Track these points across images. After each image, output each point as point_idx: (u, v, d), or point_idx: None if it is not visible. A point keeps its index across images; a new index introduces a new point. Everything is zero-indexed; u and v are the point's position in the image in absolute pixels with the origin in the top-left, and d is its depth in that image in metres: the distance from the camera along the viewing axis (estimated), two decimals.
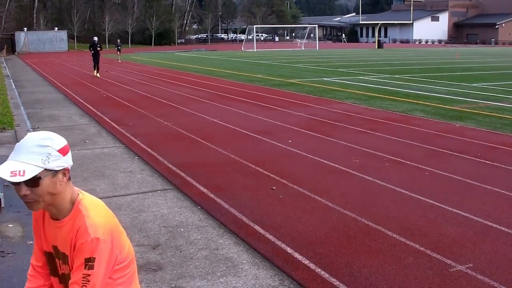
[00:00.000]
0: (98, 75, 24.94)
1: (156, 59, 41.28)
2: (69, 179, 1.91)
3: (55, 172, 1.83)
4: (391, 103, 14.96)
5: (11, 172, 1.75)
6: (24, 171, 1.76)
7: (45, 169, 1.80)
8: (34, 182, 1.79)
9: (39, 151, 1.80)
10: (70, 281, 1.87)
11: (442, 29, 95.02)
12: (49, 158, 1.81)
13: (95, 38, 26.72)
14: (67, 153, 1.88)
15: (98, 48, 25.58)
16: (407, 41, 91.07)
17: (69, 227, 1.90)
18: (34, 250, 2.14)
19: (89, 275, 1.82)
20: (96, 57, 25.35)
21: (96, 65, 25.29)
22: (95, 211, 1.92)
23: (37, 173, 1.78)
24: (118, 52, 38.38)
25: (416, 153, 8.83)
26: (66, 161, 1.87)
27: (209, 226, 5.63)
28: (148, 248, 5.02)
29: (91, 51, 25.84)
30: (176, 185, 7.12)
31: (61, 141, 1.88)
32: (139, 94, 17.69)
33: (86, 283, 1.82)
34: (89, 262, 1.82)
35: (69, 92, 18.36)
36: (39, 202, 1.83)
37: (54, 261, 2.02)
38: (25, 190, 1.80)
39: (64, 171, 1.87)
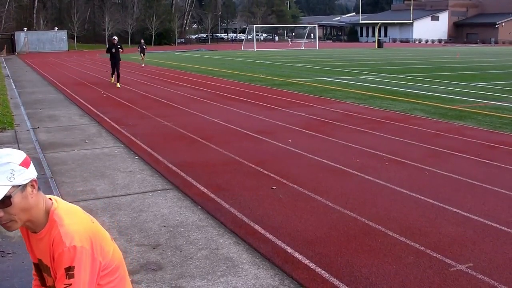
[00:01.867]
0: (118, 85, 19.98)
1: (156, 59, 41.26)
2: (39, 189, 1.87)
3: (23, 187, 1.80)
4: (391, 103, 14.96)
5: None
6: None
7: (13, 186, 1.76)
8: (5, 202, 1.75)
9: (1, 170, 1.76)
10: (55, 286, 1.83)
11: (442, 29, 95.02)
12: (13, 175, 1.77)
13: (115, 38, 21.57)
14: (29, 165, 1.85)
15: (120, 50, 20.92)
16: (407, 41, 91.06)
17: (47, 239, 1.86)
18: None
19: (71, 284, 1.77)
20: (115, 61, 20.61)
21: (115, 72, 20.50)
22: (70, 219, 1.88)
23: (6, 192, 1.74)
24: (142, 55, 32.36)
25: (416, 153, 8.83)
26: (31, 173, 1.83)
27: (209, 226, 5.63)
28: (148, 248, 5.02)
29: (111, 52, 20.90)
30: (176, 185, 7.12)
31: (20, 155, 1.84)
32: (139, 94, 17.69)
33: None
34: (69, 271, 1.77)
35: (69, 92, 18.37)
36: (16, 222, 1.80)
37: (42, 273, 2.02)
38: None
39: (32, 182, 1.83)
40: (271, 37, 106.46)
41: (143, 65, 32.35)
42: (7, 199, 1.75)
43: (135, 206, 6.26)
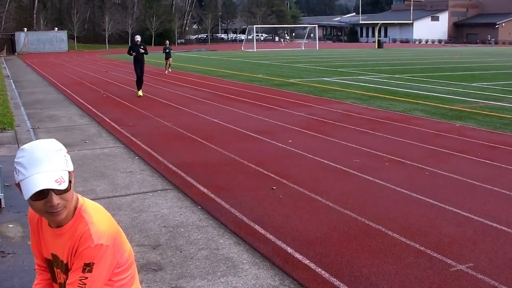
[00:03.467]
0: (140, 92, 17.27)
1: (156, 59, 41.27)
2: None
3: (71, 174, 1.81)
4: (391, 103, 14.96)
5: (56, 181, 1.70)
6: (62, 177, 1.72)
7: (69, 172, 1.78)
8: (67, 187, 1.75)
9: (58, 156, 1.76)
10: (67, 282, 1.83)
11: (442, 29, 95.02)
12: (67, 161, 1.79)
13: (138, 37, 17.82)
14: None
15: (142, 51, 17.23)
16: (407, 41, 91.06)
17: (70, 234, 1.84)
18: (33, 252, 2.08)
19: (86, 278, 1.78)
20: (139, 65, 17.32)
21: (139, 79, 17.39)
22: (98, 218, 1.87)
23: (69, 177, 1.76)
24: (167, 61, 26.37)
25: (416, 153, 8.83)
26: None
27: (209, 226, 5.63)
28: (149, 248, 5.02)
29: (131, 54, 17.36)
30: (176, 185, 7.12)
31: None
32: None
33: (82, 286, 1.78)
34: (88, 266, 1.79)
35: (69, 92, 18.37)
36: (66, 208, 1.78)
37: (53, 269, 1.99)
38: (57, 199, 1.73)
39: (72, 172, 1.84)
40: (271, 38, 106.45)
41: (166, 72, 26.32)
42: (69, 183, 1.76)
43: (135, 207, 6.26)
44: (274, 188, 6.91)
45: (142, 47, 17.27)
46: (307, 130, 10.96)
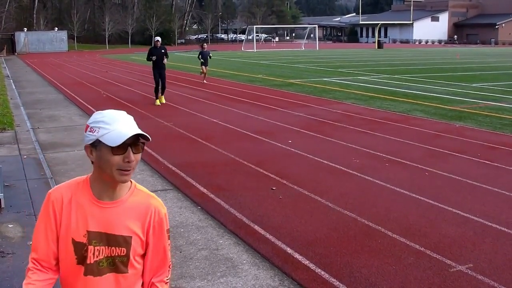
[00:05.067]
0: (162, 100, 15.38)
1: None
2: None
3: None
4: (391, 103, 14.96)
5: (142, 132, 1.81)
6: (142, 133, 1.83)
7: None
8: (142, 147, 1.86)
9: (131, 120, 1.89)
10: (151, 250, 1.95)
11: (442, 29, 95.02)
12: (135, 125, 1.88)
13: (158, 39, 15.69)
14: None
15: (163, 54, 15.23)
16: (407, 41, 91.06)
17: (134, 206, 1.92)
18: (38, 244, 1.94)
19: (169, 243, 2.01)
20: (159, 71, 15.32)
21: (161, 85, 15.36)
22: (148, 190, 2.03)
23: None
24: (204, 68, 21.16)
25: (416, 153, 8.83)
26: None
27: (209, 227, 5.63)
28: None
29: (151, 59, 15.27)
30: (176, 185, 7.12)
31: None
32: (139, 94, 17.69)
33: (168, 249, 2.01)
34: (168, 233, 2.00)
35: (69, 92, 18.36)
36: (134, 170, 1.86)
37: (85, 249, 1.90)
38: (132, 156, 1.82)
39: None
40: (271, 38, 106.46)
41: (205, 81, 21.39)
42: (143, 144, 1.86)
43: None
44: (274, 188, 6.91)
45: (163, 50, 15.25)
46: (307, 130, 10.96)
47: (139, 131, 1.81)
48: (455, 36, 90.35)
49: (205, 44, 22.17)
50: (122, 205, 1.91)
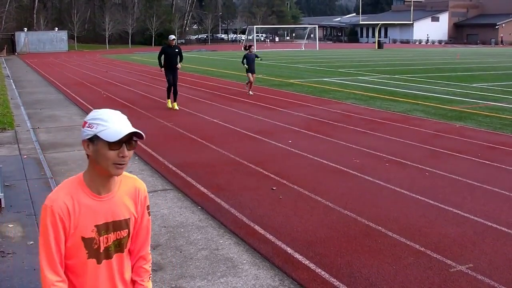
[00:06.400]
0: (176, 105, 14.16)
1: (156, 59, 41.28)
2: None
3: None
4: (391, 103, 14.96)
5: (136, 130, 1.96)
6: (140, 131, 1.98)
7: None
8: (136, 144, 2.00)
9: (125, 119, 2.04)
10: (139, 226, 2.13)
11: (442, 30, 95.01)
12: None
13: (173, 37, 14.55)
14: None
15: (177, 54, 14.19)
16: (407, 42, 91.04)
17: (125, 192, 2.08)
18: (54, 263, 1.97)
19: (149, 219, 2.17)
20: (172, 72, 14.17)
21: (172, 89, 14.23)
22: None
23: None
24: (250, 76, 17.26)
25: (416, 153, 8.83)
26: None
27: (209, 226, 5.63)
28: None
29: (167, 59, 14.22)
30: (176, 185, 7.12)
31: None
32: (139, 94, 17.69)
33: (150, 225, 2.18)
34: (148, 209, 2.17)
35: (69, 92, 18.37)
36: (126, 165, 2.01)
37: (95, 242, 2.01)
38: (127, 152, 1.96)
39: None
40: (271, 38, 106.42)
41: (250, 92, 17.33)
42: (135, 142, 2.01)
43: None
44: (274, 188, 6.91)
45: (177, 50, 14.17)
46: (307, 130, 10.97)
47: (134, 130, 1.96)
48: (450, 39, 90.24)
49: (251, 45, 17.81)
50: (118, 193, 2.06)
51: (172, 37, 14.61)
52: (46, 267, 1.98)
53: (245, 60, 17.27)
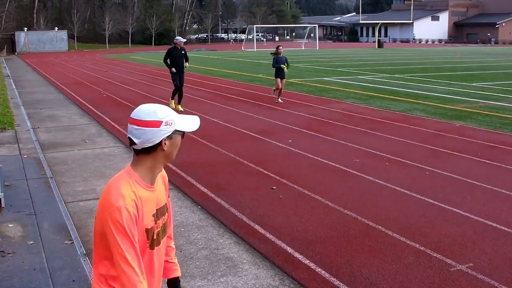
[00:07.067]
0: (180, 107, 13.92)
1: (156, 59, 41.27)
2: None
3: None
4: (391, 103, 14.96)
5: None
6: None
7: None
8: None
9: None
10: (169, 208, 2.24)
11: (442, 29, 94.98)
12: None
13: (181, 39, 14.20)
14: None
15: (184, 56, 13.94)
16: (407, 41, 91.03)
17: (160, 177, 2.19)
18: (140, 263, 1.94)
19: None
20: (179, 74, 13.93)
21: (178, 91, 14.06)
22: None
23: None
24: (279, 81, 15.19)
25: (416, 153, 8.83)
26: None
27: (209, 226, 5.63)
28: None
29: (174, 61, 13.81)
30: (176, 185, 7.12)
31: None
32: (140, 94, 17.69)
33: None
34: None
35: (69, 92, 18.37)
36: None
37: (153, 231, 2.06)
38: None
39: None
40: (271, 37, 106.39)
41: (279, 99, 15.27)
42: None
43: None
44: (274, 188, 6.91)
45: (183, 52, 13.90)
46: (307, 130, 10.96)
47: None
48: (449, 39, 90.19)
49: (280, 47, 15.41)
50: (158, 181, 2.16)
51: (180, 39, 14.25)
52: (137, 269, 1.92)
53: (275, 63, 15.32)
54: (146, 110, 2.06)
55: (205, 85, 20.53)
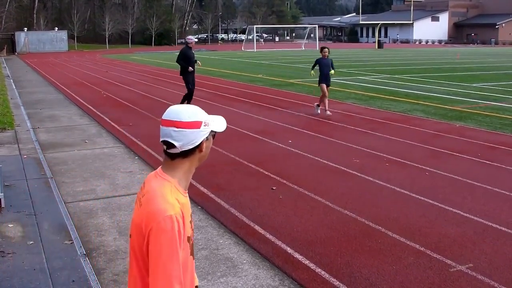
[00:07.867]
0: None
1: (156, 59, 41.29)
2: None
3: None
4: (391, 103, 14.96)
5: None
6: None
7: None
8: None
9: None
10: None
11: (442, 29, 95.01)
12: None
13: (193, 39, 13.93)
14: None
15: (194, 58, 13.73)
16: (407, 41, 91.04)
17: None
18: (180, 274, 1.82)
19: None
20: (192, 76, 13.78)
21: (191, 97, 13.85)
22: None
23: None
24: (324, 87, 12.95)
25: (416, 153, 8.83)
26: None
27: (209, 226, 5.63)
28: None
29: (188, 62, 13.51)
30: None
31: None
32: (139, 94, 17.69)
33: None
34: None
35: (69, 92, 18.36)
36: None
37: (191, 237, 1.98)
38: None
39: None
40: (271, 38, 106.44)
41: (328, 112, 12.70)
42: None
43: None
44: (274, 188, 6.91)
45: (193, 52, 13.60)
46: (307, 130, 10.96)
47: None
48: (450, 39, 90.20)
49: (326, 48, 13.63)
50: None
51: (193, 38, 13.94)
52: (177, 282, 1.79)
53: (316, 66, 13.32)
54: (185, 111, 1.93)
55: (205, 85, 20.51)
